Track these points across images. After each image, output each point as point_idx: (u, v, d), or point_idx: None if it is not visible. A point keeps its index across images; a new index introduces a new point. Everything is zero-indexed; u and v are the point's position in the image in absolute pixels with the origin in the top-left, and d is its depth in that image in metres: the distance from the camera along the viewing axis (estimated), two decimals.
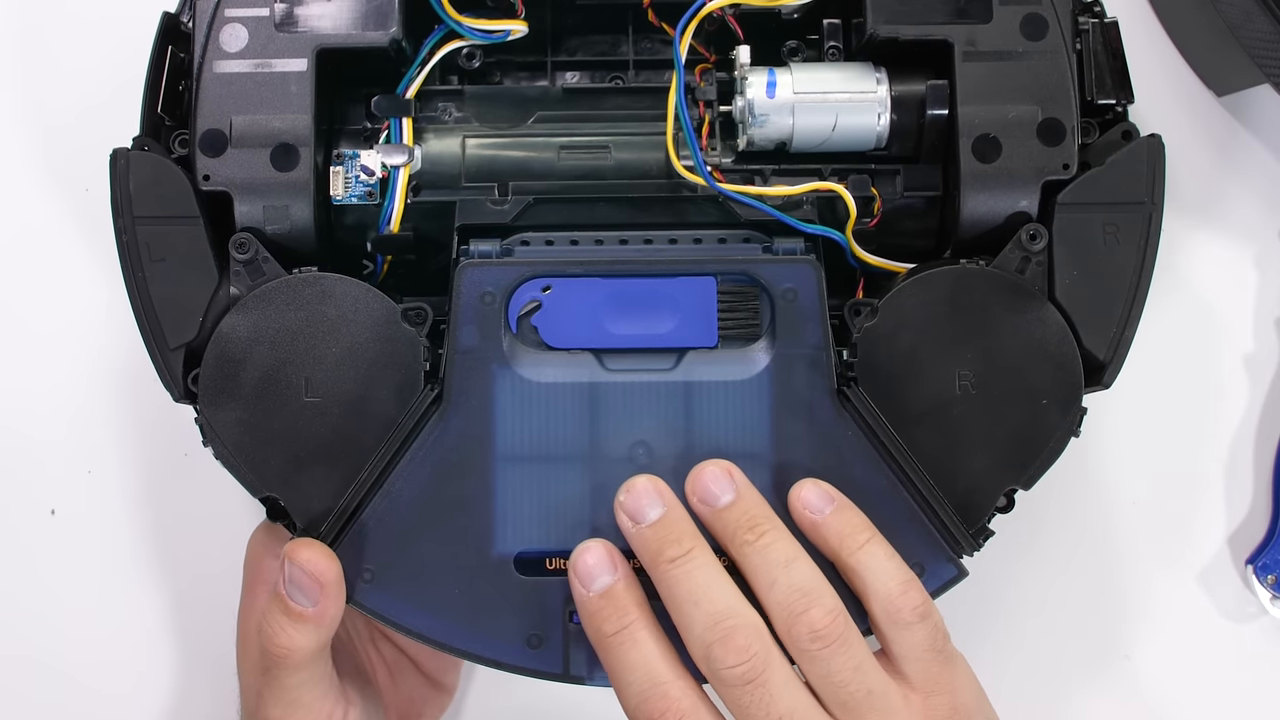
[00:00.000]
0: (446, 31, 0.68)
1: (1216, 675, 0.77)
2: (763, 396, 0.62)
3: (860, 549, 0.59)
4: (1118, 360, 0.63)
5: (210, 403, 0.62)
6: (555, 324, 0.62)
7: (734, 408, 0.61)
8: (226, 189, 0.64)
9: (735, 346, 0.62)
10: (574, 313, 0.62)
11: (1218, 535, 0.78)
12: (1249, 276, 0.79)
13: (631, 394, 0.62)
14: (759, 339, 0.62)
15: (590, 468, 0.61)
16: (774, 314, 0.62)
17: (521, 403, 0.61)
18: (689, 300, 0.62)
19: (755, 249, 0.64)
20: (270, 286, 0.63)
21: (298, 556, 0.60)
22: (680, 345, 0.62)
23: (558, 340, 0.62)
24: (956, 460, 0.62)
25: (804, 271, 0.62)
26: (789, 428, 0.61)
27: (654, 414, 0.61)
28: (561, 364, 0.62)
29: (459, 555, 0.61)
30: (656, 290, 0.62)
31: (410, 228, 0.66)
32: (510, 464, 0.61)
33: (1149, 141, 0.65)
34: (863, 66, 0.67)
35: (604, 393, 0.62)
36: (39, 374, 0.77)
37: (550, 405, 0.61)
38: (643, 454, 0.61)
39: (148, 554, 0.76)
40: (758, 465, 0.61)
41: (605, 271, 0.62)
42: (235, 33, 0.65)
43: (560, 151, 0.68)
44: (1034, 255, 0.64)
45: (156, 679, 0.76)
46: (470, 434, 0.61)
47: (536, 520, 0.61)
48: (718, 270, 0.63)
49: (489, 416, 0.61)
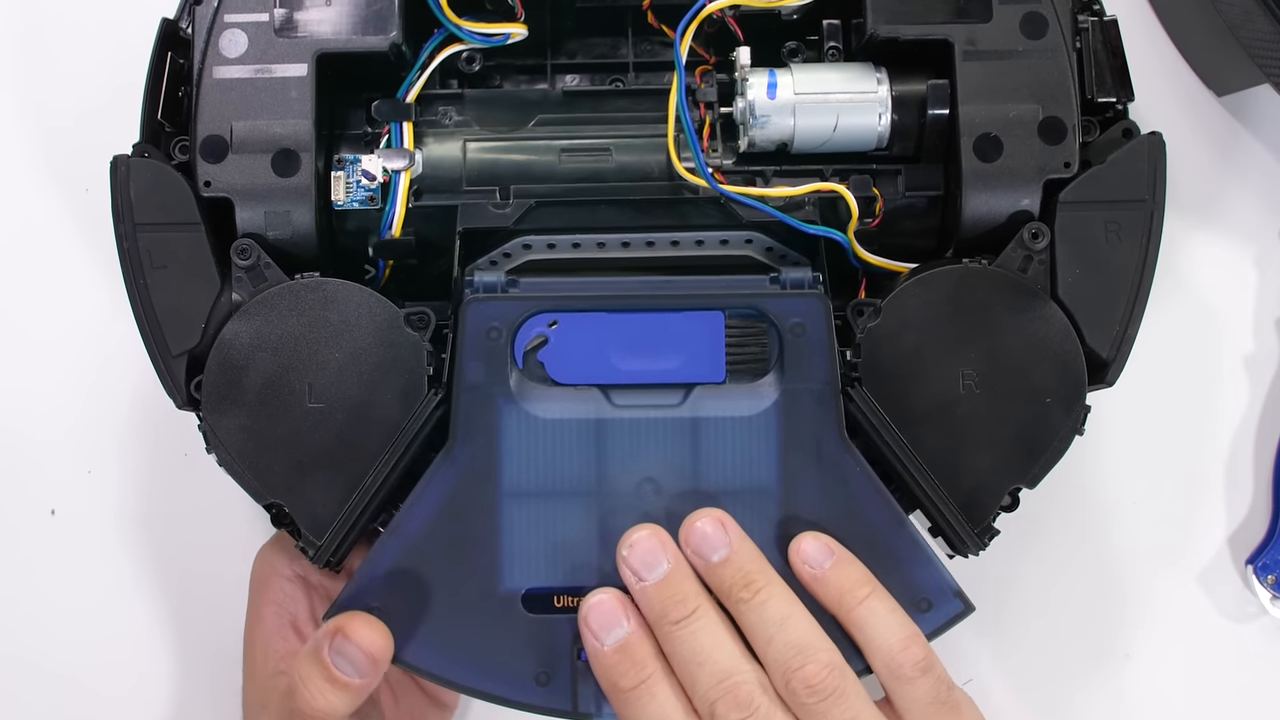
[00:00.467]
0: (446, 35, 0.68)
1: (1216, 675, 0.77)
2: (770, 432, 0.61)
3: (860, 604, 0.59)
4: (1121, 358, 0.63)
5: (213, 410, 0.62)
6: (561, 359, 0.62)
7: (742, 444, 0.61)
8: (228, 195, 0.64)
9: (743, 382, 0.62)
10: (580, 348, 0.62)
11: (1218, 535, 0.78)
12: (1249, 276, 0.79)
13: (639, 430, 0.61)
14: (766, 374, 0.62)
15: (598, 504, 0.61)
16: (782, 349, 0.61)
17: (528, 439, 0.61)
18: (696, 335, 0.62)
19: (763, 281, 0.63)
20: (272, 292, 0.63)
21: (355, 634, 0.59)
22: (687, 381, 0.62)
23: (564, 376, 0.62)
24: (961, 459, 0.62)
25: (812, 306, 0.62)
26: (797, 463, 0.61)
27: (661, 450, 0.61)
28: (568, 399, 0.61)
29: (467, 592, 0.60)
30: (664, 325, 0.62)
31: (412, 232, 0.66)
32: (517, 500, 0.61)
33: (1150, 139, 0.65)
34: (863, 67, 0.67)
35: (611, 429, 0.61)
36: (39, 374, 0.77)
37: (557, 441, 0.61)
38: (650, 490, 0.61)
39: (148, 555, 0.76)
40: (765, 501, 0.61)
41: (612, 306, 0.62)
42: (235, 38, 0.65)
43: (561, 154, 0.67)
44: (1036, 254, 0.64)
45: (156, 680, 0.76)
46: (477, 470, 0.61)
47: (544, 557, 0.60)
48: (725, 305, 0.62)
49: (496, 453, 0.61)
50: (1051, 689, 0.76)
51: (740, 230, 0.65)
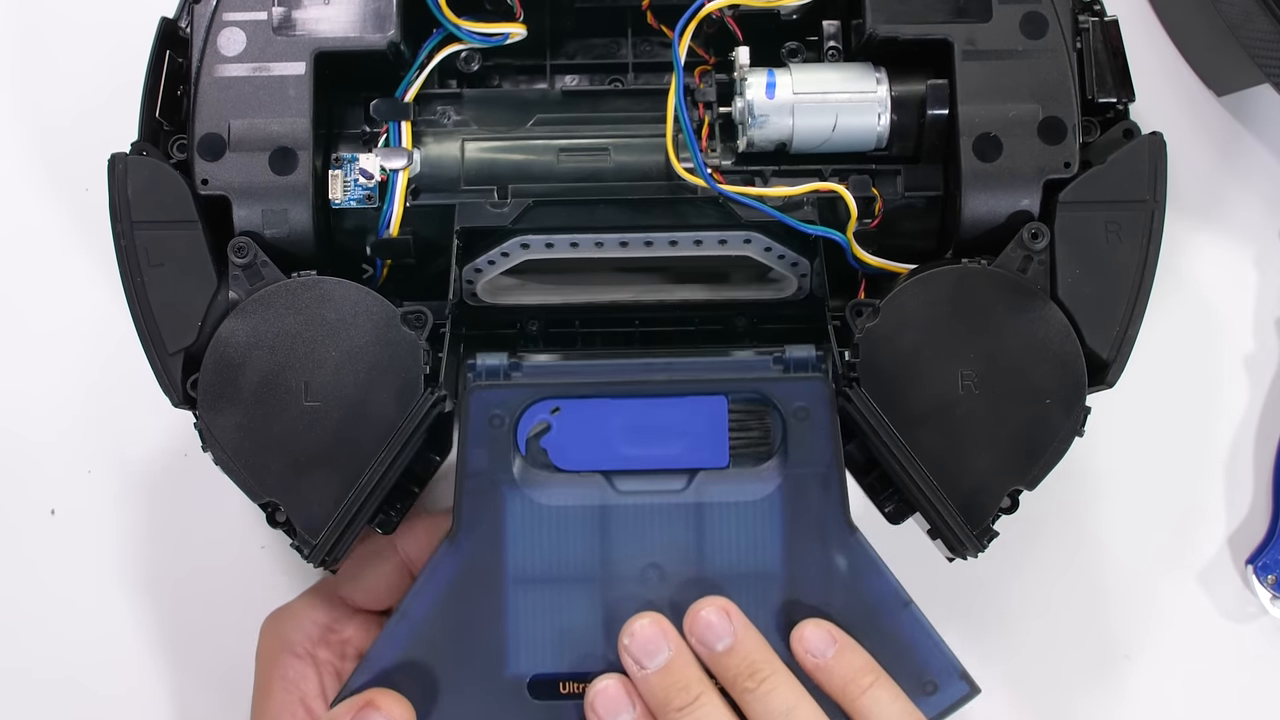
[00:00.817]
0: (445, 35, 0.68)
1: (1216, 675, 0.77)
2: (774, 517, 0.61)
3: (864, 694, 0.59)
4: (1121, 359, 0.63)
5: (209, 408, 0.62)
6: (565, 446, 0.61)
7: (746, 528, 0.61)
8: (225, 193, 0.64)
9: (746, 466, 0.61)
10: (583, 434, 0.61)
11: (1218, 535, 0.78)
12: (1249, 276, 0.79)
13: (642, 516, 0.61)
14: (770, 458, 0.61)
15: (602, 590, 0.61)
16: (785, 433, 0.61)
17: (532, 525, 0.61)
18: (699, 420, 0.61)
19: (766, 362, 0.63)
20: (269, 290, 0.63)
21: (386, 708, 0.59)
22: (691, 466, 0.61)
23: (567, 462, 0.61)
24: (960, 461, 0.62)
25: (815, 389, 0.61)
26: (801, 548, 0.61)
27: (665, 536, 0.61)
28: (572, 486, 0.61)
29: (473, 677, 0.60)
30: (666, 410, 0.62)
31: (409, 231, 0.66)
32: (522, 586, 0.60)
33: (1150, 139, 0.65)
34: (862, 67, 0.67)
35: (615, 515, 0.61)
36: (39, 374, 0.77)
37: (561, 528, 0.61)
38: (655, 576, 0.61)
39: (148, 554, 0.76)
40: (770, 586, 0.61)
41: (614, 391, 0.62)
42: (233, 36, 0.65)
43: (560, 154, 0.67)
44: (1036, 254, 0.64)
45: (155, 680, 0.76)
46: (482, 557, 0.60)
47: (549, 643, 0.60)
48: (728, 390, 0.62)
49: (500, 540, 0.61)
50: (1051, 690, 0.76)
51: (739, 230, 0.65)
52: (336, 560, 0.62)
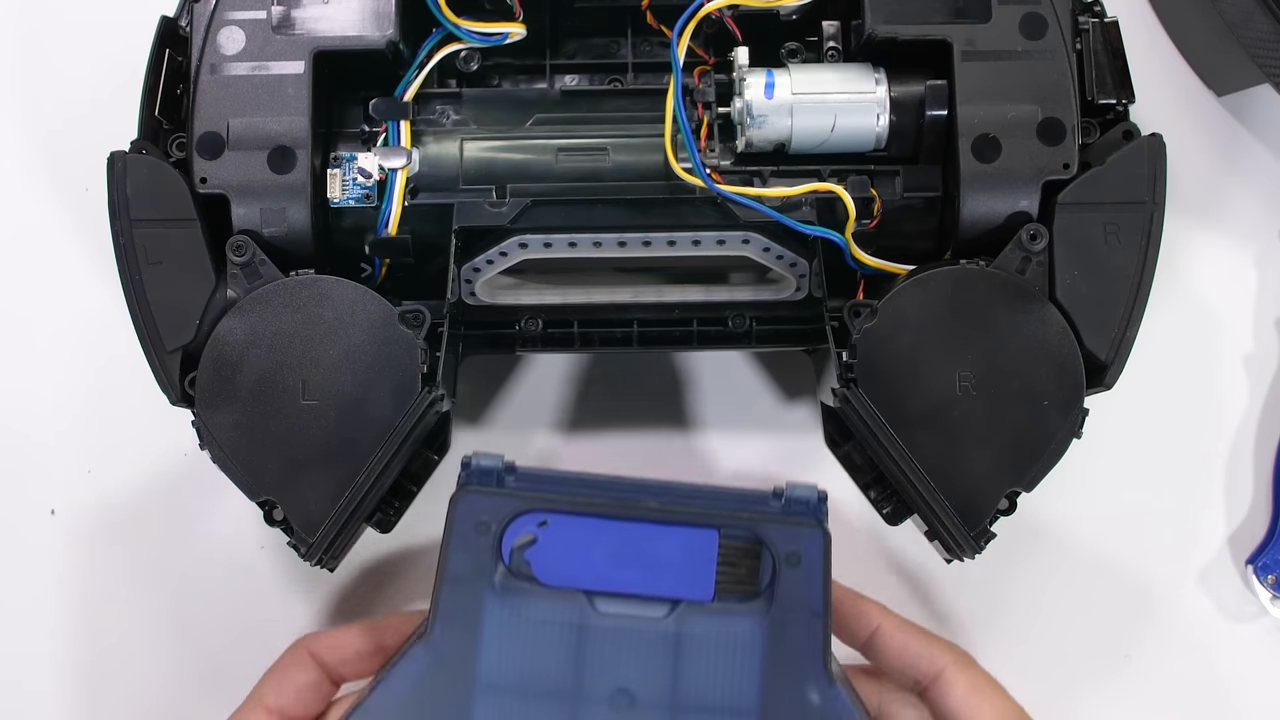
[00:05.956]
0: (444, 34, 0.68)
1: (1216, 675, 0.77)
2: (754, 657, 0.59)
3: None
4: (1119, 361, 0.63)
5: (207, 405, 0.62)
6: (549, 560, 0.60)
7: (724, 665, 0.59)
8: (223, 191, 0.64)
9: (731, 602, 0.60)
10: (569, 551, 0.60)
11: (1218, 535, 0.78)
12: (1249, 276, 0.79)
13: (620, 639, 0.60)
14: (757, 598, 0.60)
15: (571, 709, 0.59)
16: (775, 575, 0.60)
17: (509, 635, 0.59)
18: (688, 550, 0.60)
19: (765, 498, 0.62)
20: (267, 289, 0.63)
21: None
22: (675, 596, 0.60)
23: (550, 577, 0.60)
24: (957, 462, 0.62)
25: (810, 537, 0.60)
26: (779, 692, 0.59)
27: (641, 662, 0.59)
28: (552, 601, 0.60)
29: None
30: (656, 537, 0.60)
31: (408, 230, 0.66)
32: (491, 694, 0.59)
33: (1150, 141, 0.65)
34: (861, 67, 0.67)
35: (592, 635, 0.59)
36: (39, 374, 0.78)
37: (536, 641, 0.59)
38: (625, 701, 0.59)
39: (147, 554, 0.76)
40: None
41: (606, 513, 0.60)
42: (233, 35, 0.65)
43: (558, 154, 0.67)
44: (1034, 255, 0.64)
45: (155, 679, 0.76)
46: (454, 660, 0.59)
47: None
48: (722, 524, 0.60)
49: (474, 645, 0.59)
50: (1052, 690, 0.76)
51: (737, 230, 0.65)
52: (334, 559, 0.62)
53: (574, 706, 0.59)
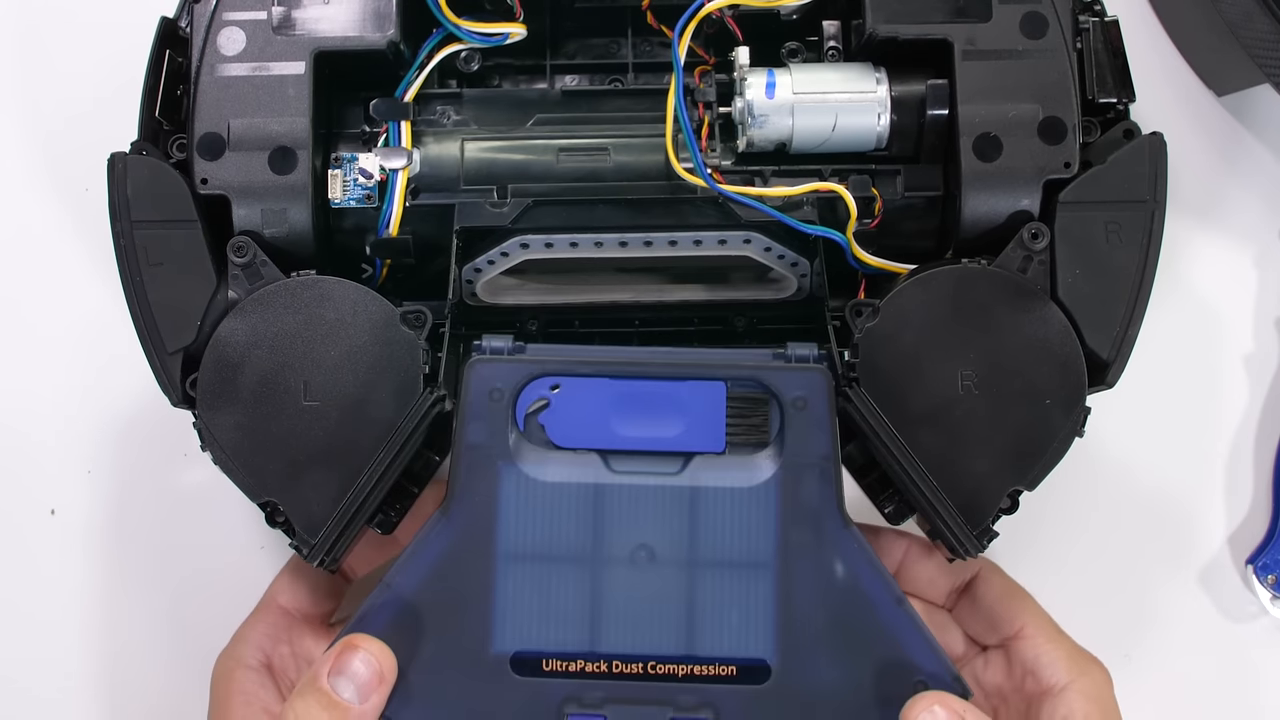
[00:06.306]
0: (445, 35, 0.68)
1: (1216, 675, 0.77)
2: (769, 505, 0.60)
3: None
4: (1121, 359, 0.63)
5: (208, 407, 0.62)
6: (563, 423, 0.61)
7: (740, 515, 0.60)
8: (224, 192, 0.64)
9: (743, 453, 0.61)
10: (582, 413, 0.61)
11: (1218, 535, 0.78)
12: (1249, 276, 0.79)
13: (636, 497, 0.61)
14: (767, 446, 0.61)
15: (591, 569, 0.60)
16: (783, 422, 0.61)
17: (526, 501, 0.60)
18: (698, 404, 0.61)
19: (767, 355, 0.63)
20: (268, 290, 0.63)
21: (367, 646, 0.58)
22: (687, 449, 0.61)
23: (564, 440, 0.61)
24: (960, 461, 0.62)
25: (815, 380, 0.61)
26: (794, 538, 0.60)
27: (658, 518, 0.61)
28: (567, 464, 0.61)
29: (456, 652, 0.60)
30: (665, 393, 0.61)
31: (409, 231, 0.66)
32: (511, 563, 0.60)
33: (1150, 139, 0.65)
34: (862, 67, 0.67)
35: (608, 494, 0.61)
36: (39, 374, 0.78)
37: (554, 505, 0.60)
38: (645, 557, 0.60)
39: (147, 554, 0.76)
40: (761, 574, 0.60)
41: (615, 373, 0.61)
42: (233, 36, 0.65)
43: (559, 154, 0.67)
44: (1036, 254, 0.64)
45: (155, 679, 0.76)
46: (473, 531, 0.60)
47: (535, 620, 0.60)
48: (728, 376, 0.61)
49: (493, 514, 0.60)
50: None
51: (738, 230, 0.65)
52: (336, 560, 0.62)
53: (595, 567, 0.60)
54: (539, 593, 0.60)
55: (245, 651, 0.66)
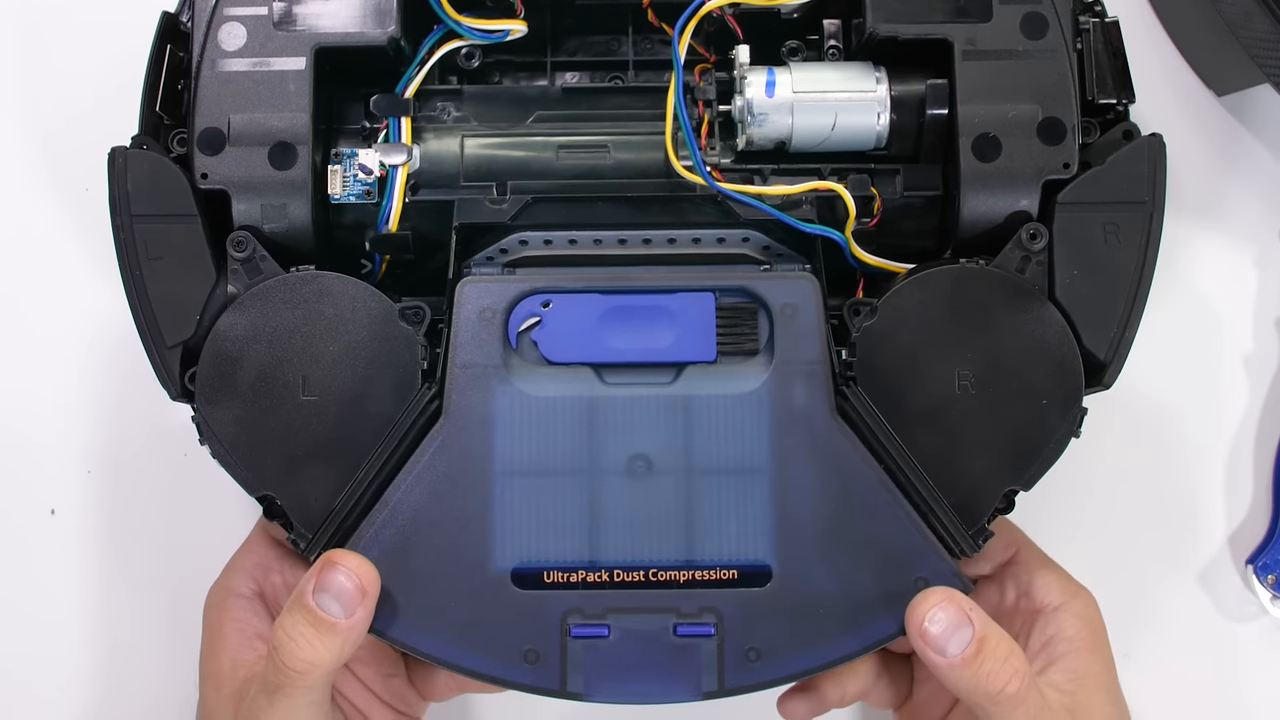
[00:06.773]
0: (446, 31, 0.68)
1: (1216, 675, 0.77)
2: (762, 410, 0.61)
3: None
4: (1118, 360, 0.63)
5: (207, 401, 0.62)
6: (554, 339, 0.62)
7: (733, 422, 0.61)
8: (224, 187, 0.64)
9: (734, 361, 0.62)
10: (573, 328, 0.62)
11: (1218, 535, 0.78)
12: (1249, 276, 0.79)
13: (630, 408, 0.61)
14: (757, 354, 0.62)
15: (589, 481, 0.61)
16: (772, 329, 0.62)
17: (521, 417, 0.61)
18: (688, 315, 0.62)
19: (754, 269, 0.64)
20: (268, 285, 0.63)
21: (347, 562, 0.59)
22: (679, 360, 0.62)
23: (557, 355, 0.62)
24: (956, 461, 0.62)
25: (802, 287, 0.62)
26: (788, 441, 0.61)
27: (653, 428, 0.61)
28: (561, 378, 0.62)
29: (456, 569, 0.60)
30: (655, 305, 0.62)
31: (408, 227, 0.66)
32: (509, 478, 0.61)
33: (1150, 141, 0.65)
34: (862, 66, 0.67)
35: (603, 407, 0.61)
36: (39, 374, 0.78)
37: (549, 419, 0.61)
38: (642, 468, 0.61)
39: (148, 554, 0.76)
40: (758, 479, 0.61)
41: (604, 288, 0.62)
42: (234, 31, 0.65)
43: (559, 151, 0.67)
44: (1034, 255, 0.64)
45: (155, 678, 0.76)
46: (469, 448, 0.61)
47: (534, 534, 0.61)
48: (717, 286, 0.62)
49: (488, 431, 0.61)
50: None
51: (737, 228, 0.65)
52: None
53: (592, 479, 0.61)
54: (537, 507, 0.61)
55: (237, 581, 0.66)
